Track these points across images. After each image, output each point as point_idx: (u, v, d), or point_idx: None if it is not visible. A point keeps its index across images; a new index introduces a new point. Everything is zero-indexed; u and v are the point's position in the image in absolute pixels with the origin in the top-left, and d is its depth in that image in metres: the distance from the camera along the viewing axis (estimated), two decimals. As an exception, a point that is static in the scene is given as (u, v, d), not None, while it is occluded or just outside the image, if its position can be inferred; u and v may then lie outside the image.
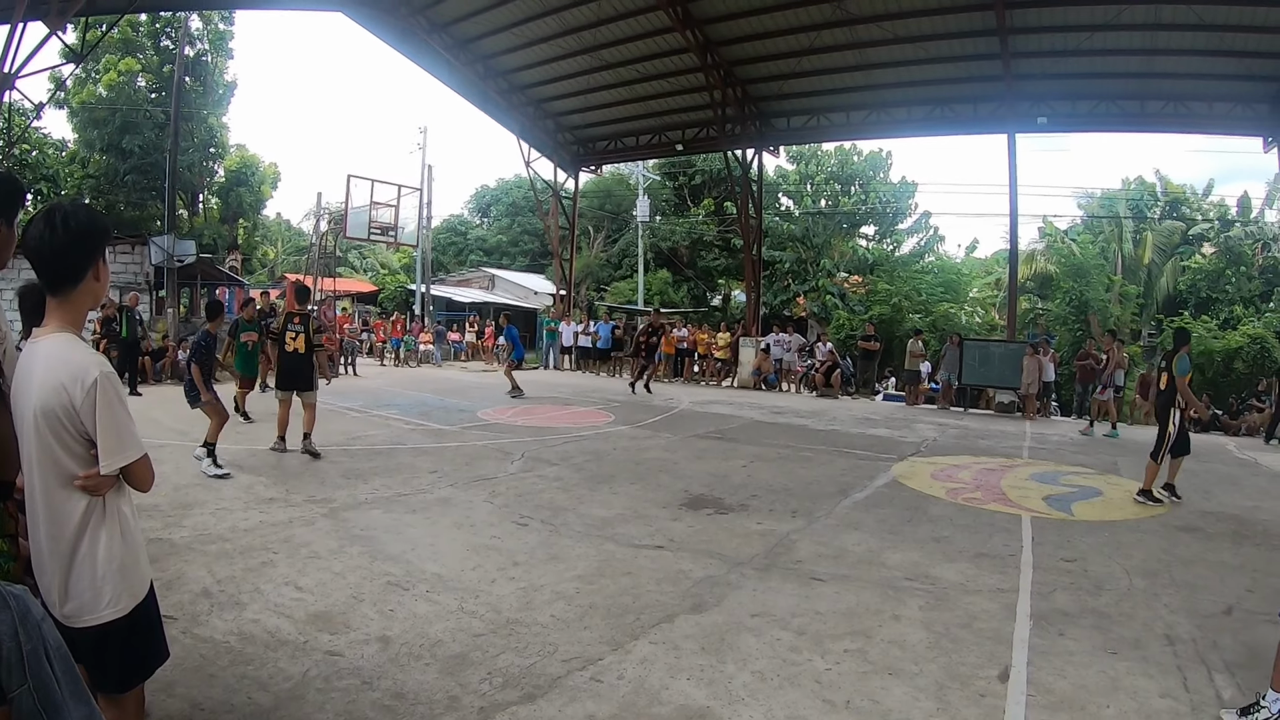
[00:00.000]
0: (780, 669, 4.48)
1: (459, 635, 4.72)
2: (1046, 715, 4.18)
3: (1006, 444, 14.52)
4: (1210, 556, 7.54)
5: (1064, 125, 23.98)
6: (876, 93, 24.57)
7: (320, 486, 8.34)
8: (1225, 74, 20.60)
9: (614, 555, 6.44)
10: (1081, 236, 37.24)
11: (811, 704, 4.11)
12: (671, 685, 4.22)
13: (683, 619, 5.13)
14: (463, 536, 6.79)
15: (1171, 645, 5.24)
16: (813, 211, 40.52)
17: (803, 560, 6.57)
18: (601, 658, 4.50)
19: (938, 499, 9.41)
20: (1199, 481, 11.76)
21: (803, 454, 12.04)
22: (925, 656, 4.78)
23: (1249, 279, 35.17)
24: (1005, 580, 6.34)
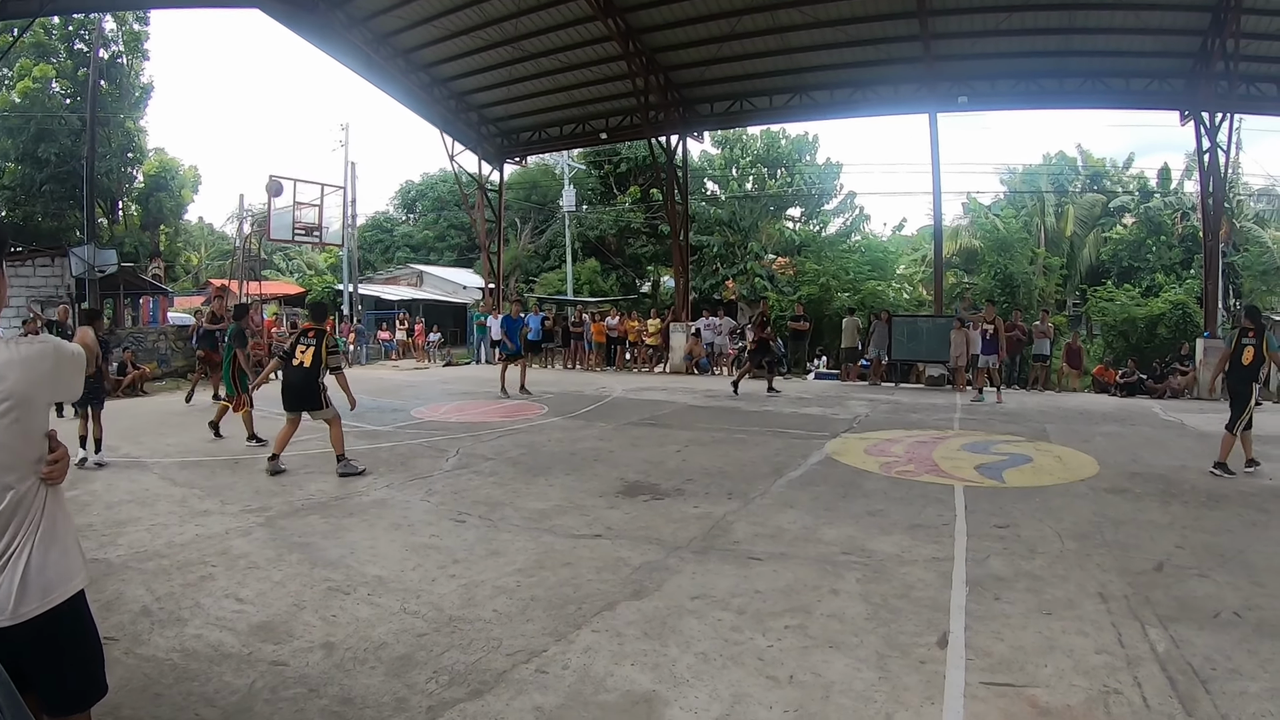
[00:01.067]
0: (723, 649, 4.55)
1: (403, 636, 4.71)
2: (986, 677, 4.29)
3: (937, 416, 14.82)
4: (1139, 516, 7.79)
5: (984, 104, 24.58)
6: (799, 76, 24.80)
7: (255, 495, 8.23)
8: (1143, 51, 21.31)
9: (553, 547, 6.46)
10: (1005, 211, 37.95)
11: (755, 681, 4.18)
12: (616, 672, 4.26)
13: (624, 606, 5.18)
14: (401, 537, 6.76)
15: (1105, 603, 5.41)
16: (739, 195, 40.75)
17: (740, 541, 6.66)
18: (546, 649, 4.52)
19: (872, 473, 9.58)
20: (1126, 444, 12.15)
21: (736, 436, 12.17)
22: (865, 628, 4.88)
23: (1169, 248, 36.15)
24: (940, 549, 6.50)
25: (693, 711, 3.89)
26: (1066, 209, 38.58)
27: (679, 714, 3.86)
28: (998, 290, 31.13)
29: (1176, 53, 21.34)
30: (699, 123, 27.63)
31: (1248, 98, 21.68)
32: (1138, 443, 12.47)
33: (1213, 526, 7.60)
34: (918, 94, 23.81)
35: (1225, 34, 19.24)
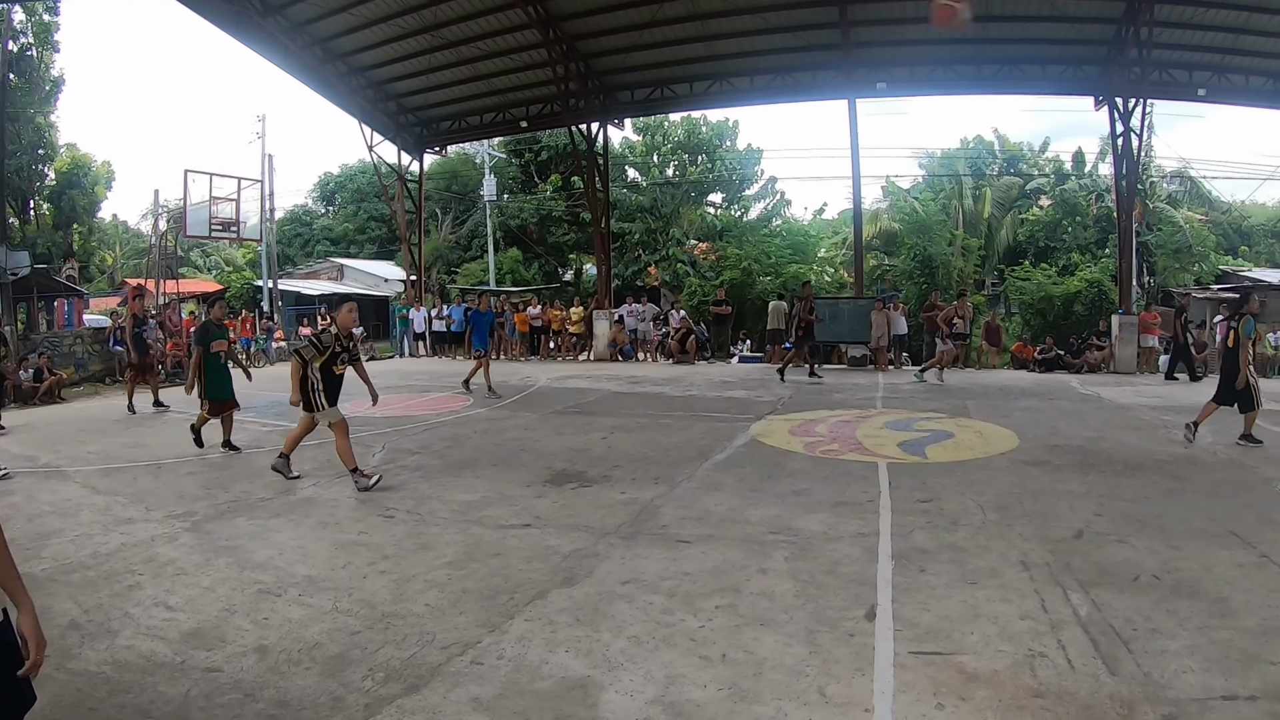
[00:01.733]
0: (655, 631, 4.62)
1: (336, 635, 4.67)
2: (914, 647, 4.42)
3: (860, 396, 15.12)
4: (1059, 487, 8.06)
5: (903, 90, 25.11)
6: (719, 63, 24.94)
7: (180, 500, 8.05)
8: (1058, 38, 22.13)
9: (482, 538, 6.47)
10: (924, 195, 38.52)
11: (688, 661, 4.25)
12: (550, 659, 4.30)
13: (555, 594, 5.22)
14: (330, 535, 6.70)
15: (1027, 571, 5.61)
16: (660, 182, 40.82)
17: (668, 525, 6.76)
18: (479, 640, 4.54)
19: (796, 454, 9.75)
20: (1044, 418, 12.53)
21: (662, 421, 12.29)
22: (794, 605, 4.99)
23: (1085, 228, 37.03)
24: (865, 525, 6.67)
25: (628, 694, 3.93)
26: (984, 192, 39.31)
27: (614, 697, 3.91)
28: (917, 271, 31.69)
29: (1091, 40, 22.16)
30: (619, 110, 27.64)
31: (1160, 84, 22.68)
32: (1056, 416, 12.87)
33: (1130, 494, 7.92)
34: (836, 80, 24.15)
35: (1139, 22, 20.19)
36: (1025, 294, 29.01)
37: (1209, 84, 22.99)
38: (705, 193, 41.70)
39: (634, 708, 3.82)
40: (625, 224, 38.68)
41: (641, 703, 3.86)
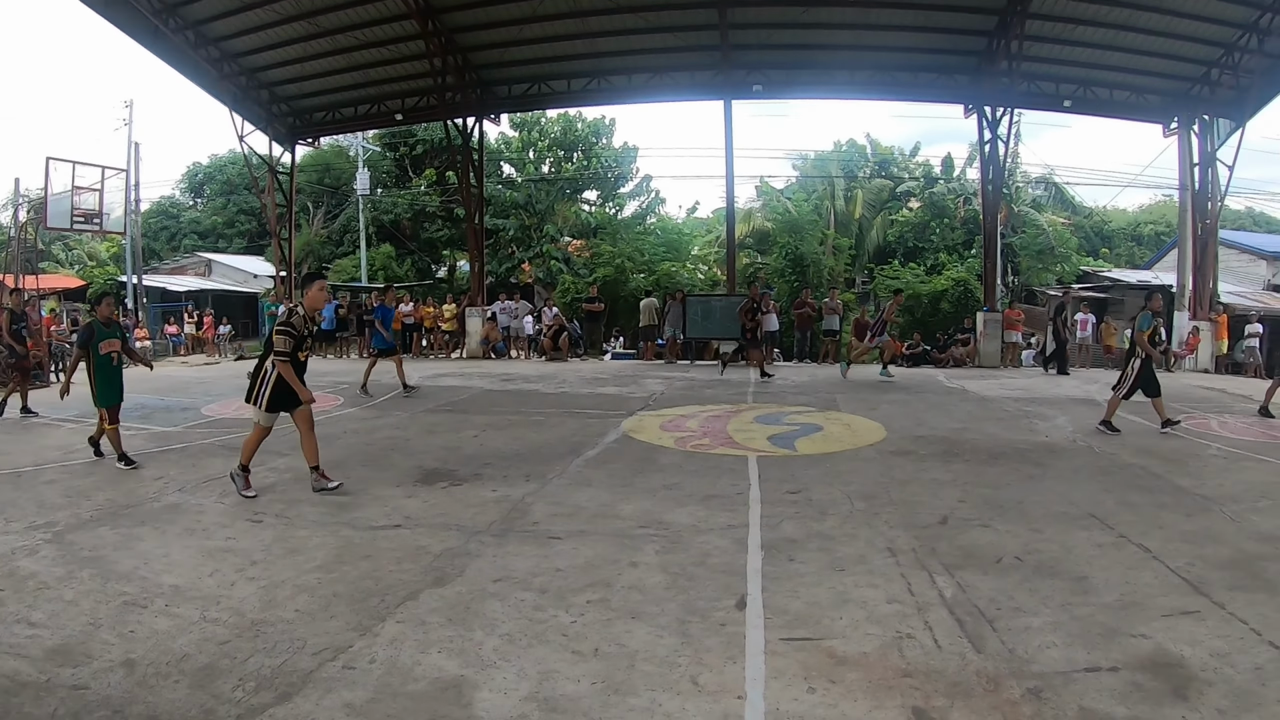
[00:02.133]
0: (527, 628, 4.62)
1: (205, 646, 4.52)
2: (784, 634, 4.54)
3: (731, 391, 15.37)
4: (924, 475, 8.37)
5: (779, 92, 25.64)
6: (599, 60, 25.00)
7: (40, 510, 7.60)
8: (933, 48, 23.17)
9: (352, 540, 6.35)
10: (797, 195, 39.52)
11: (561, 657, 4.27)
12: (423, 660, 4.26)
13: (427, 594, 5.17)
14: (196, 542, 6.45)
15: (894, 556, 5.83)
16: (536, 178, 40.63)
17: (539, 521, 6.77)
18: (351, 645, 4.47)
19: (667, 449, 9.88)
20: (911, 410, 12.97)
21: (533, 419, 12.29)
22: (665, 597, 5.07)
23: (952, 229, 38.32)
24: (735, 517, 6.79)
25: (501, 692, 3.93)
26: (856, 193, 40.33)
27: (488, 696, 3.90)
28: (789, 270, 32.35)
29: (964, 51, 23.29)
30: (497, 105, 27.37)
31: (1028, 94, 24.04)
32: (922, 409, 13.35)
33: (993, 481, 8.32)
34: (714, 81, 24.48)
35: (1010, 36, 21.29)
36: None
37: (1075, 96, 24.39)
38: (580, 190, 41.65)
39: (508, 705, 3.82)
40: (500, 220, 38.35)
41: (516, 700, 3.86)
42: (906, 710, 3.81)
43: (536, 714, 3.77)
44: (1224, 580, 5.66)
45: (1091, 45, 22.79)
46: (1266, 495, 8.27)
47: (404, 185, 44.04)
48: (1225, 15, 21.36)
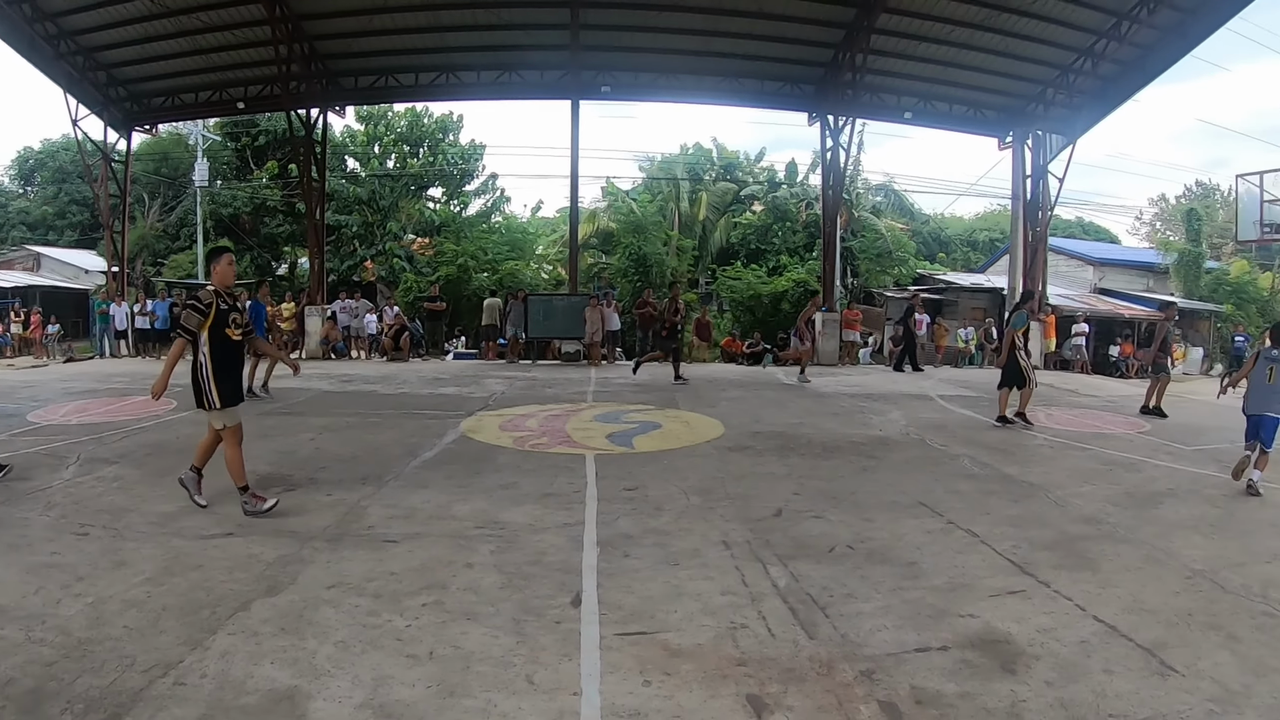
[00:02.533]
0: (361, 634, 4.51)
1: (30, 668, 4.21)
2: (619, 629, 4.56)
3: (572, 390, 15.39)
4: (760, 470, 8.55)
5: (627, 94, 25.89)
6: (448, 55, 24.62)
7: None
8: (780, 57, 23.86)
9: (182, 551, 6.04)
10: (642, 196, 39.83)
11: (396, 662, 4.19)
12: (256, 673, 4.09)
13: (259, 604, 4.98)
14: (19, 558, 5.99)
15: (728, 549, 5.93)
16: (380, 174, 39.80)
17: (374, 525, 6.62)
18: (182, 660, 4.25)
19: (505, 448, 9.81)
20: (749, 407, 13.25)
21: (371, 420, 12.00)
22: (500, 597, 5.02)
23: (794, 232, 39.14)
24: (571, 515, 6.80)
25: (336, 701, 3.83)
26: (700, 196, 40.92)
27: (322, 705, 3.79)
28: (632, 270, 32.63)
29: (810, 62, 24.09)
30: (342, 97, 26.64)
31: (870, 105, 25.27)
32: (760, 405, 13.66)
33: (827, 474, 8.59)
34: (563, 81, 24.45)
35: (855, 50, 22.22)
36: (736, 292, 30.81)
37: (916, 108, 25.89)
38: (426, 186, 40.91)
39: (343, 714, 3.73)
40: (342, 216, 37.29)
41: (350, 708, 3.77)
42: (740, 698, 3.87)
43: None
44: (1049, 560, 6.03)
45: (934, 62, 24.13)
46: (1089, 481, 8.89)
47: (245, 177, 42.29)
48: (1062, 40, 23.00)
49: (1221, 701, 4.06)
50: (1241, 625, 5.01)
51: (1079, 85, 24.06)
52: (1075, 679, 4.21)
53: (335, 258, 36.23)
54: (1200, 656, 4.54)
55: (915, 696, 3.95)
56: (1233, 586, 5.69)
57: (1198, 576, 5.88)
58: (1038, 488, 8.44)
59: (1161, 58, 23.11)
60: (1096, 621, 4.96)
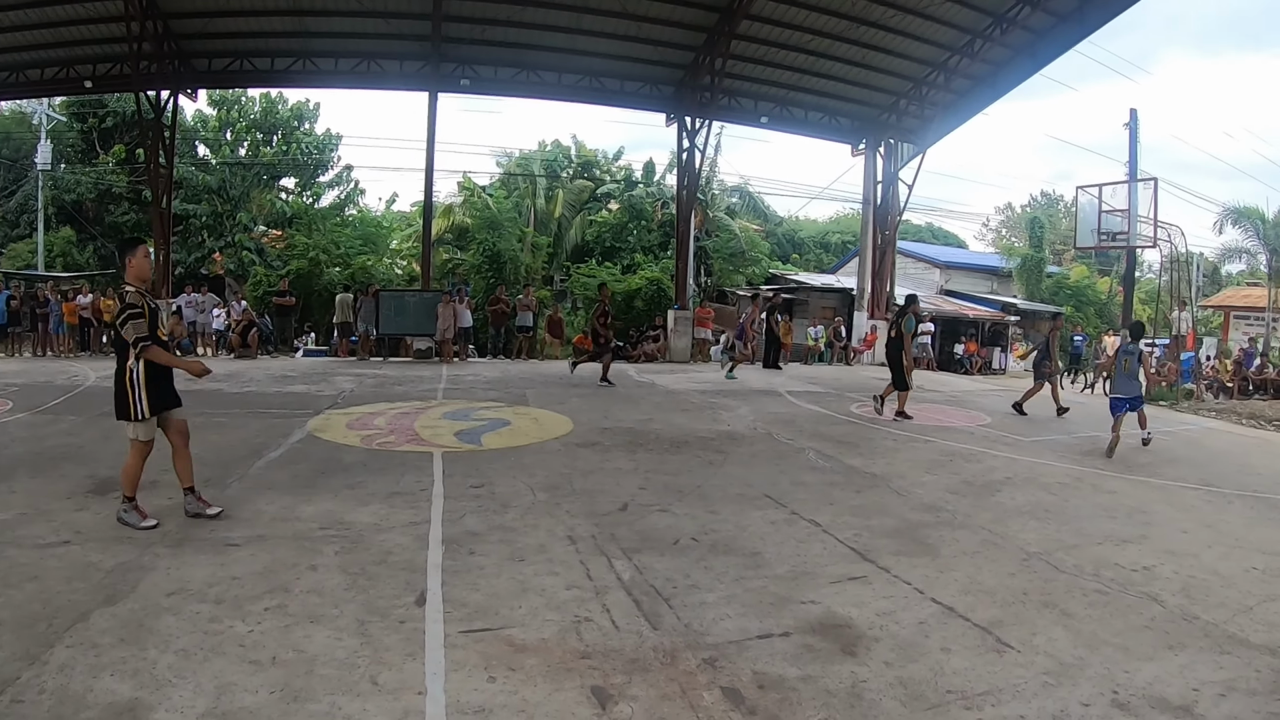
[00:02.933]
0: (203, 642, 4.34)
1: None
2: (464, 626, 4.53)
3: (422, 388, 15.20)
4: (607, 465, 8.60)
5: (487, 89, 25.46)
6: (306, 41, 23.76)
7: None
8: (640, 58, 24.05)
9: (17, 561, 5.65)
10: (498, 192, 39.58)
11: (239, 669, 4.04)
12: (96, 686, 3.88)
13: (98, 614, 4.71)
14: None
15: (574, 544, 5.95)
16: (232, 161, 38.41)
17: (216, 529, 6.34)
18: (18, 676, 3.99)
19: (352, 447, 9.61)
20: (599, 404, 13.32)
21: (216, 420, 11.47)
22: (344, 598, 4.93)
23: (649, 231, 39.56)
24: (417, 514, 6.71)
25: (178, 711, 3.67)
26: (557, 193, 40.91)
27: (165, 716, 3.63)
28: (486, 266, 32.46)
29: (671, 64, 24.33)
30: (195, 79, 25.34)
31: (727, 109, 25.94)
32: (610, 402, 13.75)
33: (674, 468, 8.68)
34: (423, 73, 24.05)
35: (715, 54, 22.59)
36: (590, 290, 30.76)
37: (772, 114, 26.66)
38: (278, 176, 39.66)
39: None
40: (190, 205, 35.78)
41: (193, 718, 3.63)
42: (585, 690, 3.88)
43: (215, 730, 3.56)
44: (889, 547, 6.26)
45: (793, 69, 24.84)
46: (930, 471, 9.27)
47: (91, 161, 40.06)
48: (917, 54, 24.02)
49: (1056, 674, 4.28)
50: (1075, 603, 5.31)
51: (932, 97, 25.28)
52: (914, 658, 4.37)
53: (182, 249, 34.82)
54: (1035, 633, 4.78)
55: (758, 681, 4.03)
56: (1066, 567, 6.01)
57: (1033, 558, 6.20)
58: (880, 478, 8.74)
59: (1012, 75, 24.32)
60: (935, 603, 5.16)
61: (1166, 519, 7.72)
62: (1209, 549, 6.75)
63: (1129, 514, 7.82)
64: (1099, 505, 8.13)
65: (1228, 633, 4.98)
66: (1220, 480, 9.77)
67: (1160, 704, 4.06)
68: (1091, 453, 11.12)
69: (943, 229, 61.85)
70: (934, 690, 4.06)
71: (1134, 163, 22.92)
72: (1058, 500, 8.24)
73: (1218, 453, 12.16)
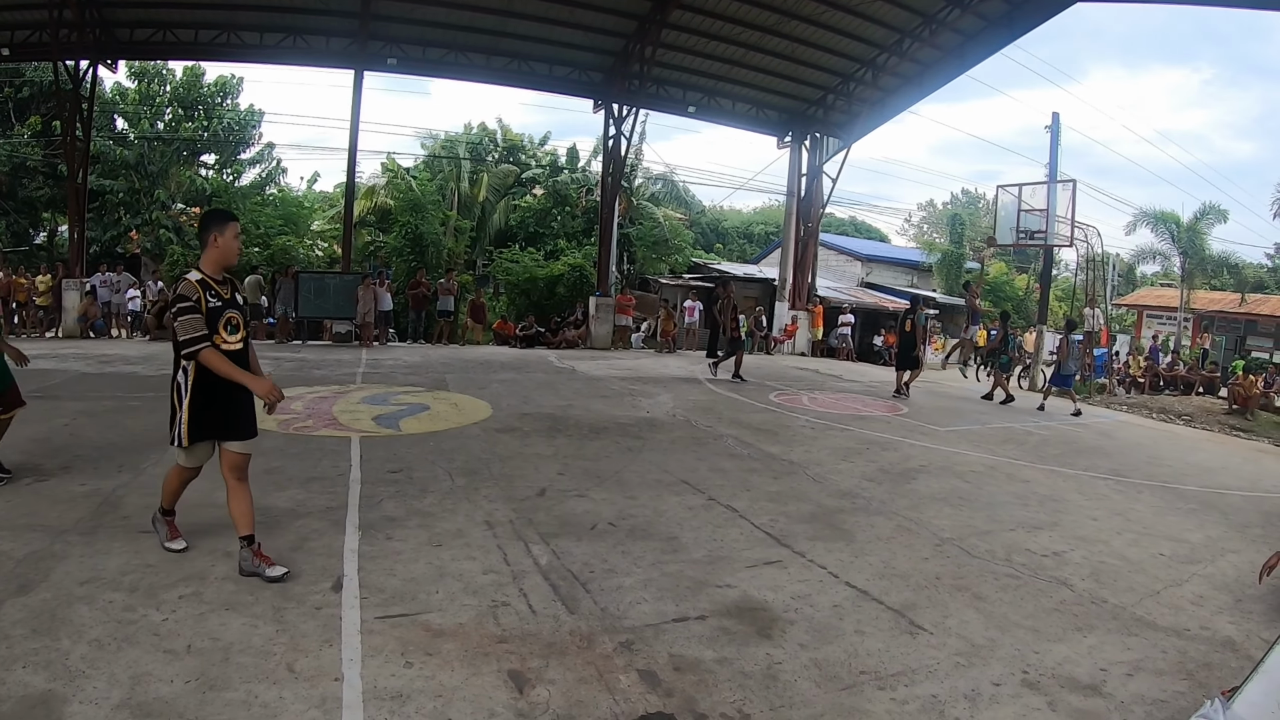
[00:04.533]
0: (117, 631, 4.23)
1: None
2: (381, 612, 4.50)
3: (341, 372, 14.96)
4: (526, 451, 8.59)
5: (414, 69, 25.16)
6: (232, 13, 22.98)
7: None
8: (572, 44, 23.90)
9: None
10: (422, 174, 39.05)
11: (154, 658, 3.96)
12: (8, 678, 3.76)
13: (9, 604, 4.54)
14: None
15: (491, 529, 5.93)
16: (151, 136, 37.31)
17: (131, 515, 6.17)
18: None
19: (270, 432, 9.34)
20: (520, 389, 13.29)
21: (131, 404, 11.11)
22: (259, 585, 4.84)
23: (573, 218, 39.30)
24: (335, 499, 6.62)
25: (92, 703, 3.58)
26: (482, 177, 40.39)
27: (79, 709, 3.54)
28: (408, 249, 32.03)
29: (601, 50, 24.29)
30: (117, 49, 24.34)
31: (655, 97, 25.86)
32: (531, 387, 13.72)
33: (593, 454, 8.71)
34: (349, 49, 23.51)
35: (646, 42, 22.63)
36: (512, 275, 30.74)
37: (700, 103, 26.68)
38: (199, 153, 38.59)
39: (100, 715, 3.50)
40: (107, 181, 34.63)
41: (108, 709, 3.54)
42: (503, 674, 3.89)
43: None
44: (805, 532, 6.36)
45: (722, 60, 24.96)
46: (847, 459, 9.42)
47: (4, 133, 38.68)
48: (847, 50, 24.34)
49: (968, 655, 4.41)
50: (987, 586, 5.46)
51: (859, 94, 25.66)
52: (829, 640, 4.45)
53: (98, 226, 33.63)
54: (948, 615, 4.91)
55: (674, 664, 4.08)
56: (979, 552, 6.18)
57: (946, 544, 6.35)
58: (798, 465, 8.86)
59: (939, 75, 24.91)
60: (849, 587, 5.25)
61: (1078, 507, 7.97)
62: (1118, 536, 7.00)
63: (1041, 502, 8.07)
64: (1012, 493, 8.35)
65: (1135, 615, 5.18)
66: (1130, 471, 10.13)
67: (1069, 683, 4.20)
68: (1006, 442, 11.42)
69: (866, 223, 62.87)
70: (848, 671, 4.15)
71: (1054, 164, 23.42)
72: (972, 488, 8.44)
73: (1128, 444, 12.54)
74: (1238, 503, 9.04)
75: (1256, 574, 5.55)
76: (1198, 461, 11.71)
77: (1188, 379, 25.35)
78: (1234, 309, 37.82)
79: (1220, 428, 16.32)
